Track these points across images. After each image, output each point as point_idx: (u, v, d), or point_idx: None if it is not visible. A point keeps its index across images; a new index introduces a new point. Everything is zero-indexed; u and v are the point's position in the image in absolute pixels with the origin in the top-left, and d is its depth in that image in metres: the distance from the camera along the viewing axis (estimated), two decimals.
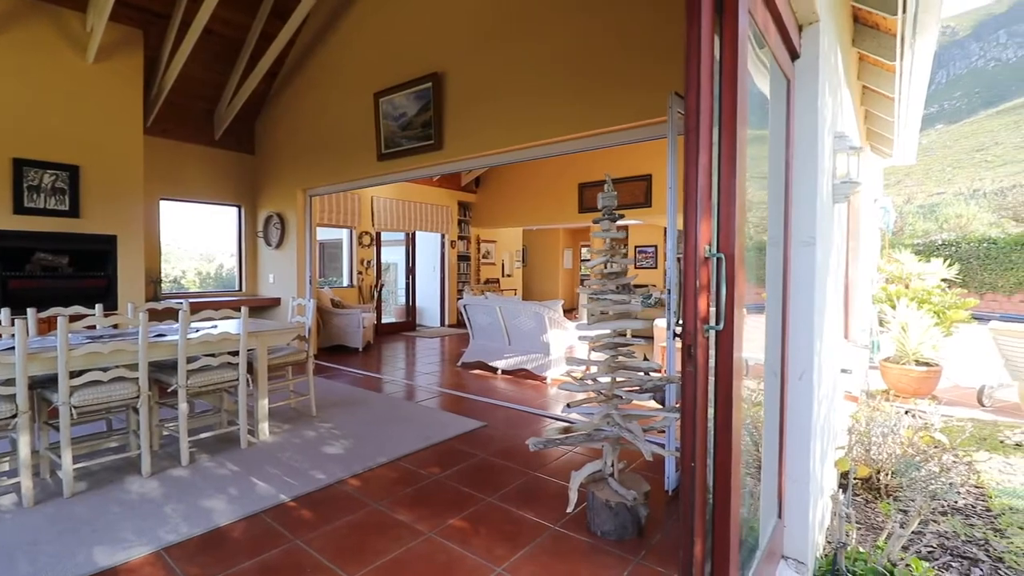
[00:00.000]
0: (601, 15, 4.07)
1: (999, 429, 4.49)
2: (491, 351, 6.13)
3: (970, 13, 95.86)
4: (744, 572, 1.84)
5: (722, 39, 1.48)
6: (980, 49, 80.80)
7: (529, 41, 4.54)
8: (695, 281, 1.41)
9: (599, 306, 2.56)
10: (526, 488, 3.09)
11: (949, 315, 6.22)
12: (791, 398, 2.29)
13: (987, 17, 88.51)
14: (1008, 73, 70.08)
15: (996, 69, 73.80)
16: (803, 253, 2.27)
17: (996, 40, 79.26)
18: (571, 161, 9.37)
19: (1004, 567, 2.63)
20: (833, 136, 2.78)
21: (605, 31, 4.06)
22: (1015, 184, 17.23)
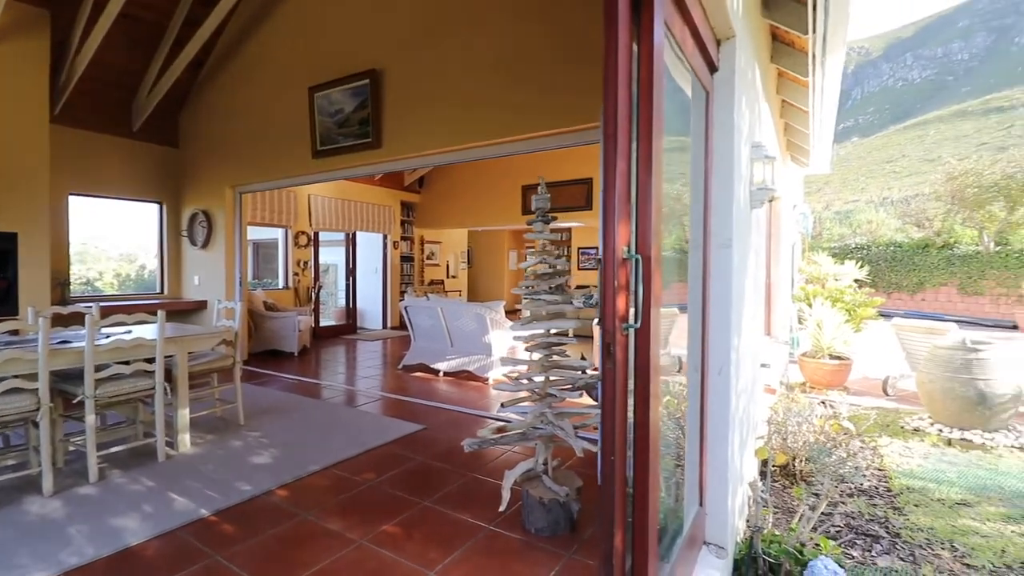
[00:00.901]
0: (539, 21, 4.14)
1: (900, 416, 4.93)
2: (433, 353, 6.07)
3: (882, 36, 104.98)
4: (666, 559, 1.92)
5: (639, 50, 1.54)
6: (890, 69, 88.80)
7: (469, 43, 4.54)
8: (614, 281, 1.46)
9: (533, 306, 2.59)
10: (463, 490, 3.08)
11: (859, 313, 6.77)
12: (711, 392, 2.41)
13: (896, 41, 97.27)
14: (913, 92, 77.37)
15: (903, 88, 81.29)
16: (721, 255, 2.40)
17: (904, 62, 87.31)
18: (515, 163, 9.45)
19: (901, 542, 2.90)
20: (750, 145, 2.97)
21: (543, 36, 4.13)
22: (917, 193, 19.01)
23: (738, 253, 2.59)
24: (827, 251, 13.03)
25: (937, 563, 2.66)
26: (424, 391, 5.42)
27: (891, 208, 18.08)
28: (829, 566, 2.14)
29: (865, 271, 9.30)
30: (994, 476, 3.63)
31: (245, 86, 6.44)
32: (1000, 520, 3.06)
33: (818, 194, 34.44)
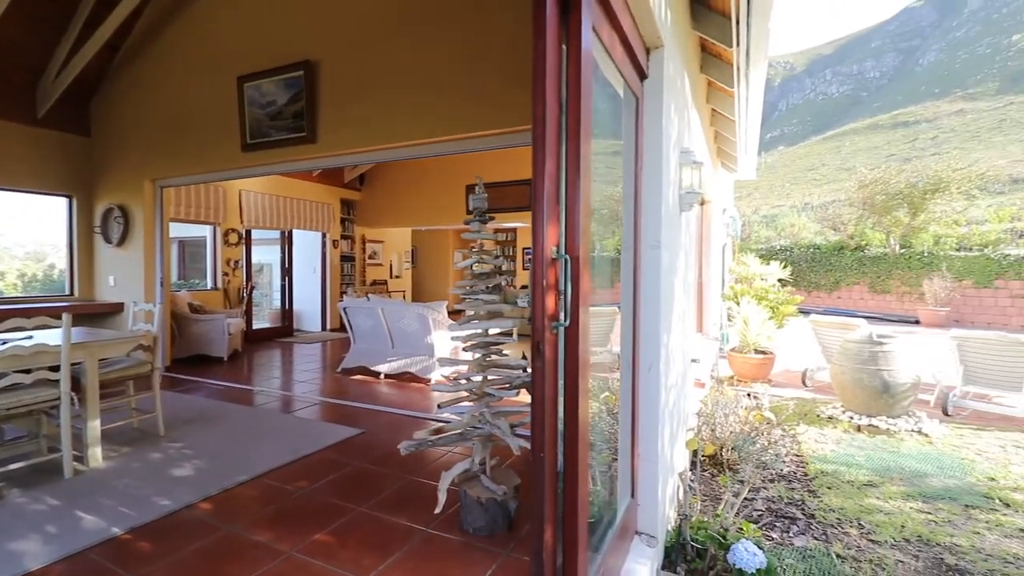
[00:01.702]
0: (475, 23, 4.14)
1: (816, 405, 5.32)
2: (374, 355, 5.93)
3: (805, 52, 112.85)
4: (598, 551, 1.98)
5: (568, 53, 1.57)
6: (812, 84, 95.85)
7: (408, 39, 4.47)
8: (543, 281, 1.48)
9: (471, 306, 2.59)
10: (401, 493, 3.03)
11: (782, 310, 7.24)
12: (642, 387, 2.50)
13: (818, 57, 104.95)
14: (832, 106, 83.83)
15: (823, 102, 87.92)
16: (651, 256, 2.49)
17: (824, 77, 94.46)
18: (459, 162, 9.40)
19: (815, 522, 3.12)
20: (680, 151, 3.10)
21: (480, 36, 4.13)
22: (835, 199, 20.59)
23: (667, 254, 2.70)
24: (755, 252, 13.86)
25: (846, 540, 2.89)
26: (364, 394, 5.28)
27: (811, 213, 19.46)
28: (749, 548, 2.28)
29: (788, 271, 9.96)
30: (896, 458, 3.98)
31: (167, 73, 6.02)
32: (900, 498, 3.37)
33: (748, 199, 36.61)
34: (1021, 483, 3.54)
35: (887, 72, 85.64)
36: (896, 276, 13.32)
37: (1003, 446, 4.25)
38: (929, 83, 64.80)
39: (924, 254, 12.91)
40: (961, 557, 2.69)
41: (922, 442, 4.31)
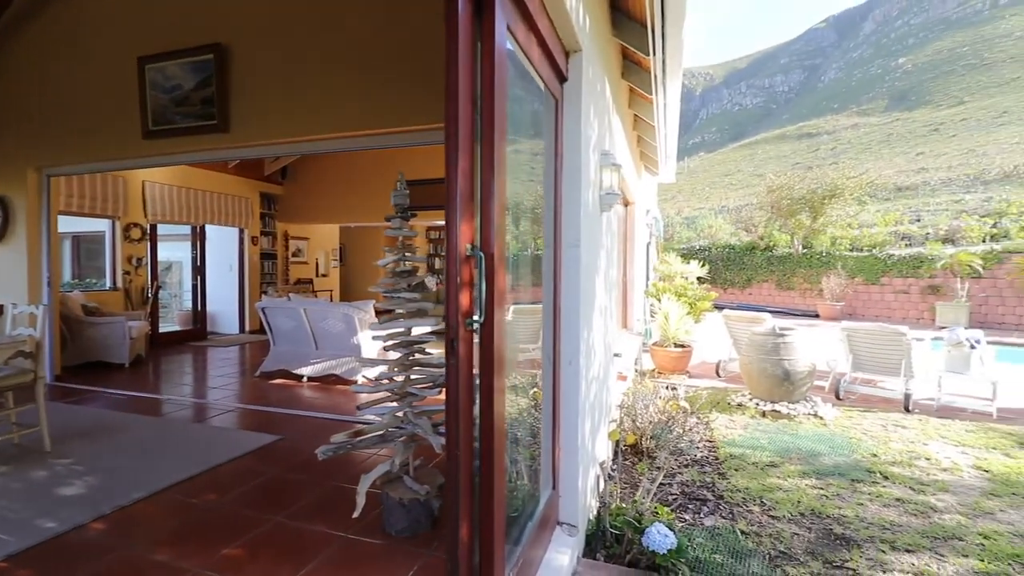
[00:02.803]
0: (397, 16, 4.05)
1: (728, 394, 5.70)
2: (296, 357, 5.66)
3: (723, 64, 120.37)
4: (518, 544, 2.01)
5: (482, 51, 1.58)
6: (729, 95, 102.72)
7: (329, 28, 4.30)
8: (457, 278, 1.48)
9: (391, 305, 2.54)
10: (322, 500, 2.92)
11: (699, 306, 7.69)
12: (563, 381, 2.57)
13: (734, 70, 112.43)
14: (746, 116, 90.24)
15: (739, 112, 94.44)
16: (571, 254, 2.56)
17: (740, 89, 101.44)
18: (391, 156, 9.16)
19: (724, 502, 3.35)
20: (600, 153, 3.21)
21: (406, 28, 4.05)
22: (747, 203, 22.15)
23: (587, 252, 2.79)
24: (677, 252, 14.64)
25: (750, 517, 3.12)
26: (284, 399, 5.03)
27: (727, 215, 20.84)
28: (661, 531, 2.40)
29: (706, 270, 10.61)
30: (795, 440, 4.36)
31: (54, 51, 5.41)
32: (797, 476, 3.69)
33: (672, 201, 38.59)
34: (898, 458, 3.99)
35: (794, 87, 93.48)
36: (799, 274, 14.56)
37: (884, 425, 4.77)
38: (829, 98, 71.38)
39: (823, 254, 14.21)
40: (847, 526, 2.99)
41: (817, 424, 4.74)
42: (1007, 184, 22.46)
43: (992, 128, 38.18)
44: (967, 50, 61.10)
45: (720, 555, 2.68)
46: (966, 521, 3.04)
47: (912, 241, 14.09)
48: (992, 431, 4.61)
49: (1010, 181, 22.98)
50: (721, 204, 30.59)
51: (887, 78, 66.37)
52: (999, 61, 55.51)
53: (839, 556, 2.68)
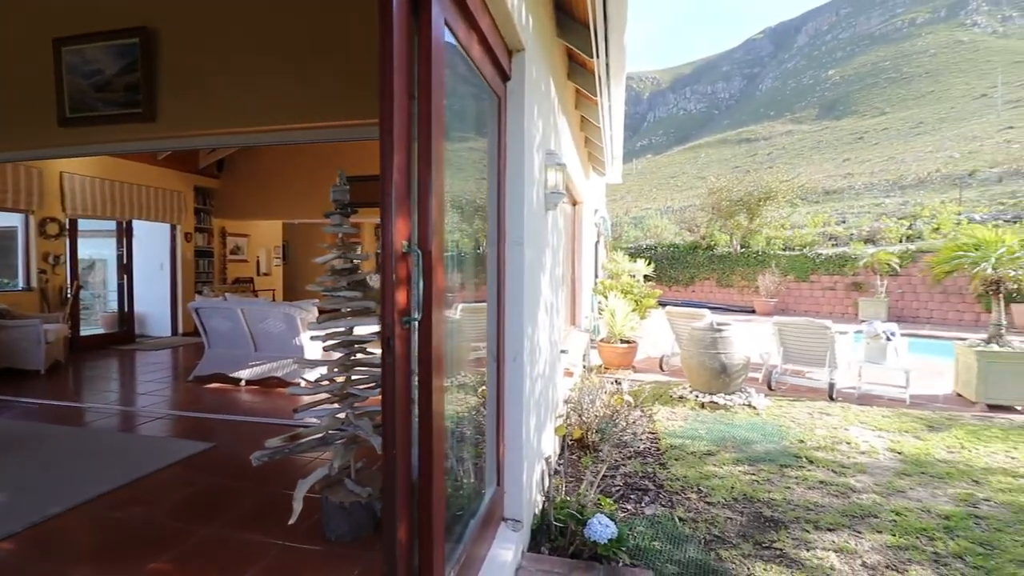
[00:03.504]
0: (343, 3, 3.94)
1: (670, 387, 5.92)
2: (233, 360, 5.39)
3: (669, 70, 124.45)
4: (460, 541, 2.00)
5: (419, 46, 1.56)
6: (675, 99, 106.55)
7: (265, 16, 4.11)
8: (392, 275, 1.46)
9: (332, 304, 2.47)
10: (259, 508, 2.81)
11: (644, 303, 7.93)
12: (508, 378, 2.58)
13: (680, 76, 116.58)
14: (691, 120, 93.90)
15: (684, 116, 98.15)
16: (514, 252, 2.58)
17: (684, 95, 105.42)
18: (338, 150, 8.87)
19: (664, 491, 3.47)
20: (545, 152, 3.25)
21: (349, 16, 3.94)
22: (691, 204, 23.06)
23: (531, 250, 2.82)
24: (625, 251, 15.05)
25: (688, 504, 3.26)
26: (219, 404, 4.79)
27: (672, 216, 21.62)
28: (602, 521, 2.47)
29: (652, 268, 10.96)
30: (731, 429, 4.58)
31: None
32: (732, 464, 3.87)
33: (620, 201, 39.60)
34: (822, 443, 4.27)
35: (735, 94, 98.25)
36: (737, 272, 15.31)
37: (811, 413, 5.09)
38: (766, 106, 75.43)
39: (758, 253, 15.00)
40: (775, 509, 3.18)
41: (751, 414, 5.00)
42: (921, 189, 24.52)
43: (909, 138, 41.56)
44: (888, 64, 66.18)
45: (659, 542, 2.78)
46: (881, 499, 3.30)
47: (838, 241, 15.11)
48: (905, 416, 5.02)
49: (924, 186, 25.08)
50: (667, 205, 31.69)
51: (818, 88, 70.88)
52: (916, 75, 60.50)
53: (768, 537, 2.84)
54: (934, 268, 5.85)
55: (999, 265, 5.22)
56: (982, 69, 54.60)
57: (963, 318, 11.57)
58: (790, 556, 2.65)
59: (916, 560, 2.62)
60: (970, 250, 5.47)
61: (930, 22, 72.96)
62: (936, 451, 4.09)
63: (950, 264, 5.58)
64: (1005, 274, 5.23)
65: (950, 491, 3.40)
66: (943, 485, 3.49)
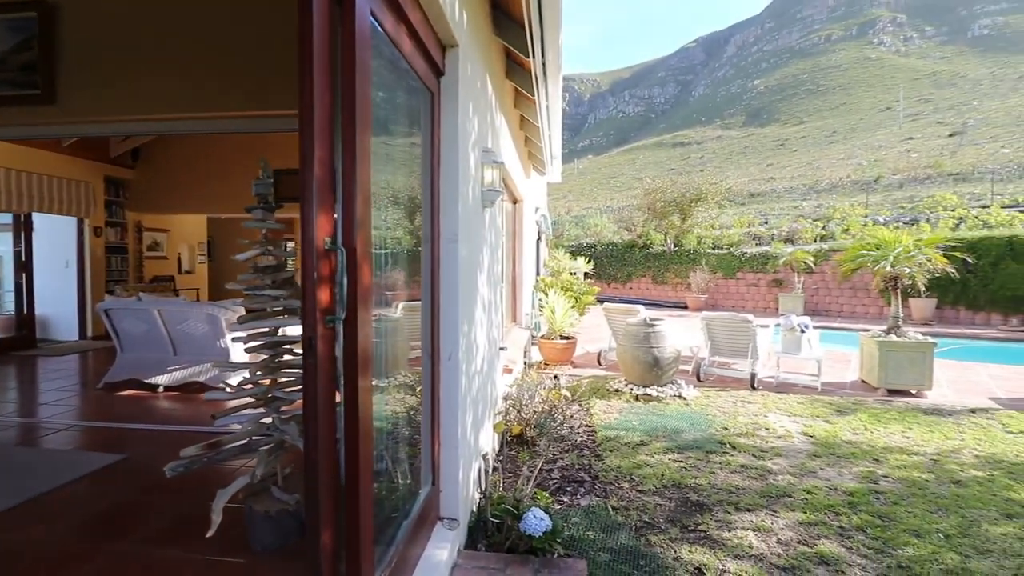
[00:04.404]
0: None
1: (607, 381, 6.09)
2: (149, 365, 5.00)
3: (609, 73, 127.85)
4: (392, 544, 1.97)
5: (342, 35, 1.51)
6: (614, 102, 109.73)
7: None
8: (314, 273, 1.40)
9: (256, 303, 2.35)
10: (176, 522, 2.63)
11: (583, 299, 8.12)
12: (443, 376, 2.57)
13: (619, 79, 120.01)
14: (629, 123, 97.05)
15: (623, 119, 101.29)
16: (449, 249, 2.56)
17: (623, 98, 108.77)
18: (269, 141, 8.42)
19: (598, 482, 3.57)
20: (481, 150, 3.24)
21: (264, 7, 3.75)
22: (628, 204, 23.80)
23: (467, 247, 2.81)
24: (566, 249, 15.34)
25: (620, 494, 3.37)
26: (133, 413, 4.43)
27: (611, 215, 22.24)
28: (537, 515, 2.51)
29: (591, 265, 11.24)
30: (662, 419, 4.78)
31: None
32: (662, 452, 4.05)
33: (563, 200, 40.28)
34: (744, 429, 4.55)
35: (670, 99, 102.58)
36: (671, 270, 16.01)
37: (735, 402, 5.41)
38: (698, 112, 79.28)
39: (690, 252, 15.75)
40: (701, 493, 3.35)
41: (681, 405, 5.25)
42: (834, 193, 26.63)
43: (824, 146, 45.03)
44: (806, 77, 71.37)
45: (593, 531, 2.86)
46: (794, 480, 3.55)
47: (761, 241, 16.13)
48: (817, 402, 5.44)
49: (836, 191, 27.26)
50: (607, 204, 32.58)
51: (745, 97, 75.34)
52: (831, 88, 65.63)
53: (693, 521, 3.00)
54: (842, 266, 6.38)
55: (897, 263, 5.76)
56: (887, 84, 60.16)
57: (869, 311, 12.69)
58: (713, 537, 2.81)
59: (824, 535, 2.85)
60: (872, 249, 6.00)
61: (843, 39, 79.41)
62: (843, 433, 4.46)
63: (855, 262, 6.10)
64: (901, 271, 5.78)
65: (854, 469, 3.72)
66: (848, 464, 3.82)
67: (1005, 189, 18.31)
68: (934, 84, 56.42)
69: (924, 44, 72.48)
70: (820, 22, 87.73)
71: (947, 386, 6.09)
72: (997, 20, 69.91)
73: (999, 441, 4.27)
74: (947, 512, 3.08)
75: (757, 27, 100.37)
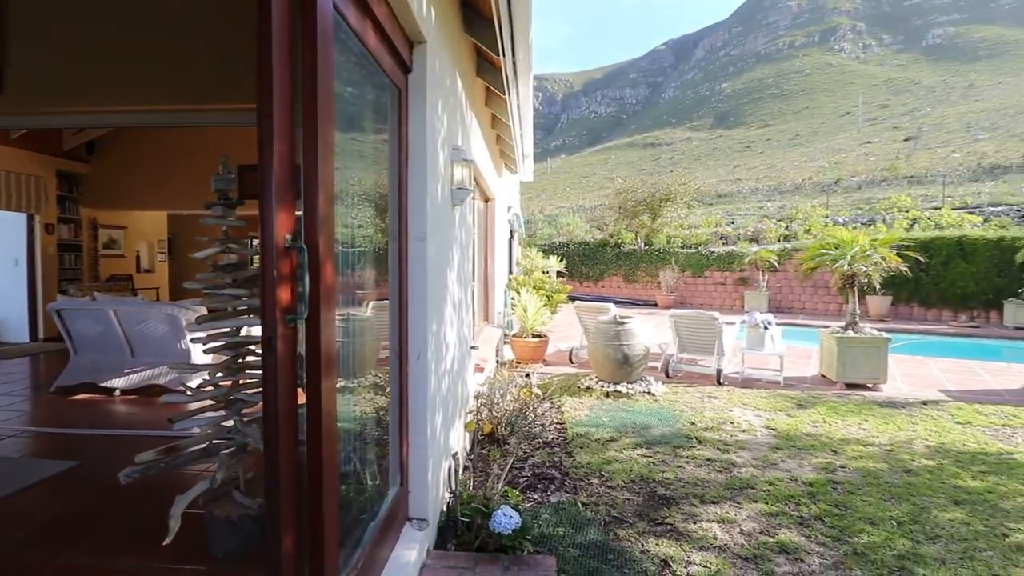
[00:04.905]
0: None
1: (578, 379, 6.15)
2: (104, 368, 4.79)
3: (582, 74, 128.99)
4: (358, 546, 1.94)
5: (303, 28, 1.48)
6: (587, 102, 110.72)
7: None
8: (274, 272, 1.37)
9: (217, 302, 2.28)
10: (134, 529, 2.53)
11: (555, 298, 8.17)
12: (412, 376, 2.54)
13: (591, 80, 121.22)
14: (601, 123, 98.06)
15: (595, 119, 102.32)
16: (417, 247, 2.54)
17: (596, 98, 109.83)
18: (234, 135, 8.17)
19: (568, 479, 3.60)
20: (451, 147, 3.22)
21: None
22: (601, 204, 24.06)
23: (436, 246, 2.79)
24: (539, 248, 15.41)
25: (590, 490, 3.41)
26: (86, 417, 4.24)
27: (584, 214, 22.45)
28: (507, 512, 2.51)
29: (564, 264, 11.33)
30: (631, 416, 4.85)
31: None
32: (631, 448, 4.11)
33: (536, 199, 40.41)
34: (710, 424, 4.65)
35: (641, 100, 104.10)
36: (642, 268, 16.27)
37: (701, 397, 5.53)
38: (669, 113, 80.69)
39: (660, 251, 16.03)
40: (668, 487, 3.42)
41: (650, 401, 5.34)
42: (796, 195, 27.53)
43: (788, 148, 46.47)
44: (771, 81, 73.46)
45: (563, 528, 2.88)
46: (757, 472, 3.66)
47: (728, 240, 16.54)
48: (780, 396, 5.61)
49: (799, 192, 28.18)
50: (579, 204, 32.85)
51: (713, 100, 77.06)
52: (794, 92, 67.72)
53: (661, 514, 3.05)
54: (803, 265, 6.60)
55: (853, 262, 5.99)
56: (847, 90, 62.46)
57: (829, 308, 13.16)
58: (679, 530, 2.87)
59: (784, 524, 2.94)
60: (831, 249, 6.23)
61: (806, 45, 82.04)
62: (803, 426, 4.61)
63: (815, 261, 6.32)
64: (858, 269, 6.02)
65: (814, 461, 3.86)
66: (808, 456, 3.95)
67: (955, 192, 19.26)
68: (891, 90, 58.91)
69: (882, 52, 75.58)
70: (784, 28, 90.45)
71: (901, 380, 6.37)
72: (949, 31, 73.46)
73: (948, 431, 4.49)
74: (900, 500, 3.23)
75: (725, 31, 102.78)
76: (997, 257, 11.05)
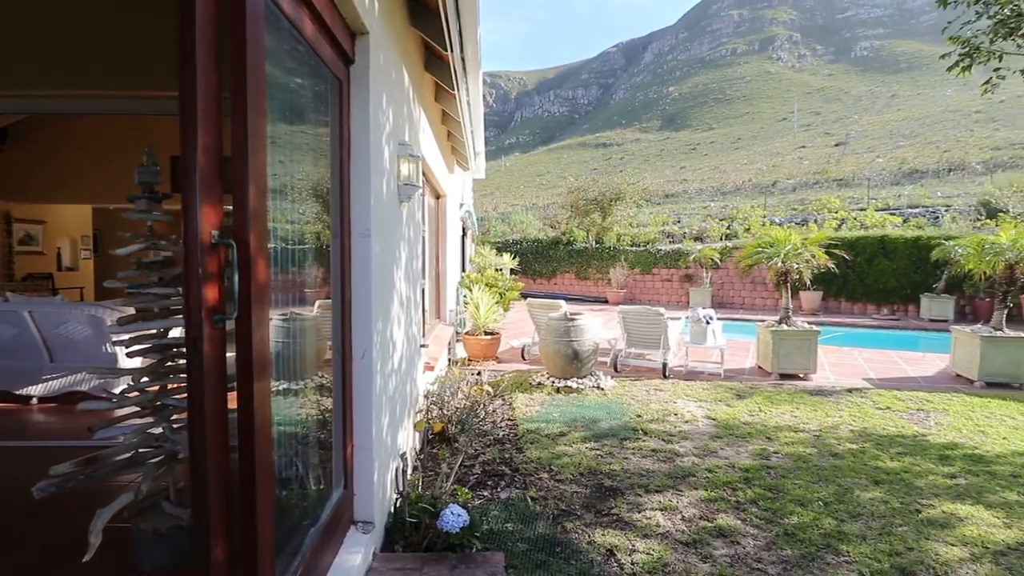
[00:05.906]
0: None
1: (530, 375, 6.20)
2: (18, 374, 4.40)
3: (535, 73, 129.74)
4: (298, 552, 1.88)
5: (230, 10, 1.41)
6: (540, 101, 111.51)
7: None
8: (199, 269, 1.30)
9: (141, 302, 2.14)
10: (51, 548, 2.35)
11: (508, 295, 8.20)
12: (356, 376, 2.48)
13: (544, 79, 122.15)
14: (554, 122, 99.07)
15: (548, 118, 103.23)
16: (361, 244, 2.48)
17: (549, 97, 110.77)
18: (162, 125, 7.67)
19: (519, 475, 3.62)
20: (397, 143, 3.16)
21: None
22: (553, 202, 24.34)
23: (382, 243, 2.73)
24: (492, 245, 15.43)
25: (539, 484, 3.44)
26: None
27: (537, 212, 22.65)
28: (455, 511, 2.50)
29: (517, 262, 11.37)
30: (581, 410, 4.94)
31: None
32: (580, 442, 4.18)
33: (490, 197, 40.41)
34: (656, 416, 4.80)
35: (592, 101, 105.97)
36: (593, 265, 16.59)
37: (648, 391, 5.71)
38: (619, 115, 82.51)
39: (610, 248, 16.40)
40: (615, 479, 3.50)
41: (599, 395, 5.46)
42: (737, 195, 28.85)
43: (730, 151, 48.59)
44: (715, 86, 76.50)
45: (512, 523, 2.90)
46: (698, 460, 3.81)
47: (674, 239, 17.14)
48: (720, 387, 5.87)
49: (739, 193, 29.55)
50: (532, 202, 33.10)
51: (661, 103, 79.44)
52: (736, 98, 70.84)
53: (607, 505, 3.13)
54: (740, 262, 6.92)
55: (787, 259, 6.34)
56: (784, 97, 65.93)
57: (767, 303, 13.88)
58: (625, 520, 2.95)
59: (722, 509, 3.08)
60: (767, 247, 6.57)
61: (747, 53, 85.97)
62: (741, 415, 4.85)
63: (752, 259, 6.64)
64: (791, 266, 6.37)
65: (750, 448, 4.06)
66: (745, 443, 4.16)
67: (879, 194, 20.77)
68: (823, 98, 62.70)
69: (815, 62, 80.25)
70: (727, 36, 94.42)
71: (830, 369, 6.81)
72: (875, 43, 78.92)
73: (869, 416, 4.84)
74: (826, 482, 3.45)
75: (672, 36, 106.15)
76: (915, 255, 12.00)
